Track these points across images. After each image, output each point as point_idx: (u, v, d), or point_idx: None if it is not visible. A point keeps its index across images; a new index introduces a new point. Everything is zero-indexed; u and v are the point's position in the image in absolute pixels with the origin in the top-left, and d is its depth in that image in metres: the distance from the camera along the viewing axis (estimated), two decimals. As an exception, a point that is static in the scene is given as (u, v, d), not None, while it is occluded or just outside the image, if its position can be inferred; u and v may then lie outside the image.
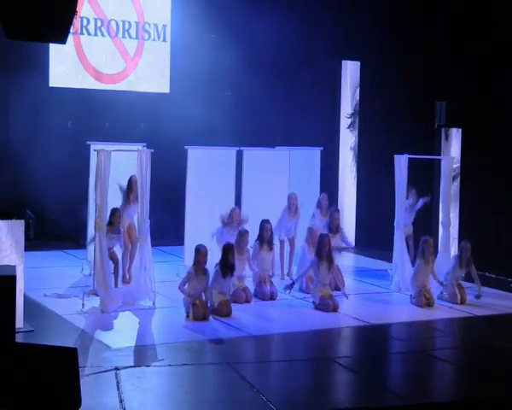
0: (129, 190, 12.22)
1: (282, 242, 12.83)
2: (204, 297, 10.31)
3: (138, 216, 11.27)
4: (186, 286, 10.27)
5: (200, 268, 10.30)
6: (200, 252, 10.31)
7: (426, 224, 13.69)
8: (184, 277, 10.41)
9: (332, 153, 16.55)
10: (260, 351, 9.37)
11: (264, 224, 11.74)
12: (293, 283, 11.23)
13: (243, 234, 11.44)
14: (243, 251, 11.38)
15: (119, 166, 11.56)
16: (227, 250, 10.60)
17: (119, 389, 7.44)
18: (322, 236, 11.42)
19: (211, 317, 10.22)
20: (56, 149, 15.09)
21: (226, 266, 10.49)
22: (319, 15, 16.49)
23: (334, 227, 12.50)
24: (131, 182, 12.12)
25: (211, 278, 10.39)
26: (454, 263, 11.75)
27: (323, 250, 11.09)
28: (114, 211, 11.62)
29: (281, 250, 12.75)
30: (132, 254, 12.08)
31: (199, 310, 10.11)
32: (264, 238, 11.71)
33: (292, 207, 12.84)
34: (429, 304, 11.35)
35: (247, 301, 11.13)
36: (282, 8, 16.23)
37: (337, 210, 13.00)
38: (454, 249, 13.26)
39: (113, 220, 11.54)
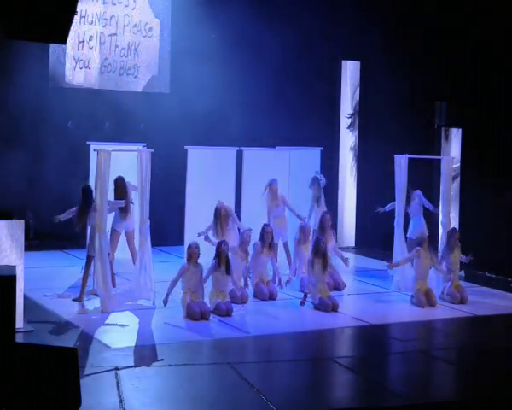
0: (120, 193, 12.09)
1: (275, 245, 12.78)
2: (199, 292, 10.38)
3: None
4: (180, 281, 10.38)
5: (192, 262, 10.38)
6: (190, 248, 10.43)
7: (426, 224, 13.65)
8: (177, 272, 10.43)
9: (332, 153, 16.55)
10: (260, 351, 9.37)
11: (265, 227, 11.75)
12: (306, 295, 11.04)
13: (245, 235, 11.49)
14: (245, 250, 11.42)
15: (118, 166, 11.60)
16: (219, 246, 10.65)
17: (119, 389, 7.44)
18: (317, 236, 11.54)
19: (211, 317, 10.24)
20: (56, 149, 15.09)
21: (221, 261, 10.55)
22: (319, 15, 16.48)
23: (325, 229, 12.46)
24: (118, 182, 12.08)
25: (206, 272, 10.47)
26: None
27: (319, 250, 11.12)
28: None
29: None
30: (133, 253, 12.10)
31: (195, 308, 10.14)
32: (265, 241, 11.67)
33: (273, 196, 12.77)
34: (431, 303, 11.35)
35: (243, 302, 11.13)
36: (282, 8, 16.22)
37: (327, 213, 12.95)
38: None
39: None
